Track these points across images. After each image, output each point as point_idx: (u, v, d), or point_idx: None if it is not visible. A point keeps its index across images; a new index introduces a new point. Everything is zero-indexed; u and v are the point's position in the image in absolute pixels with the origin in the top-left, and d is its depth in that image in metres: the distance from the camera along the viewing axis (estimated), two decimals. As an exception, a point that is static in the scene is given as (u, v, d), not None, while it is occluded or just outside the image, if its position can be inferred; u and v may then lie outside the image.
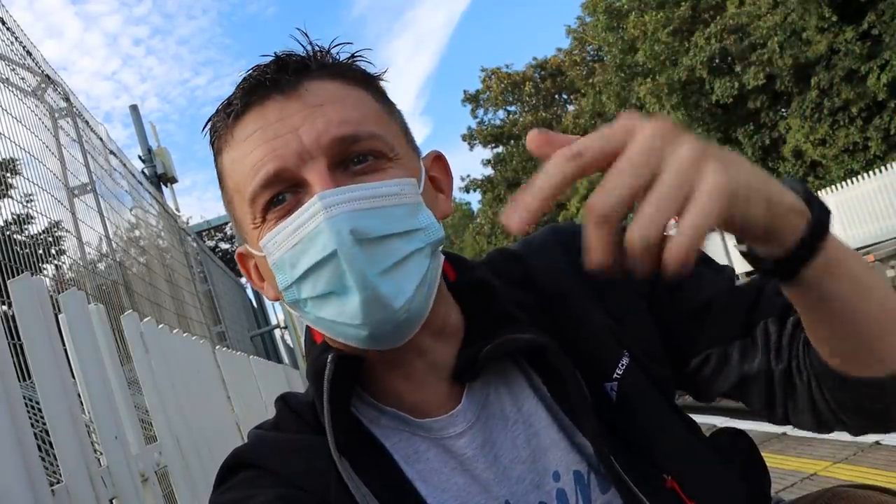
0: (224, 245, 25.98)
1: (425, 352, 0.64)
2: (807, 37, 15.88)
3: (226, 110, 0.63)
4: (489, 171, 31.51)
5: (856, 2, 15.07)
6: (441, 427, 0.65)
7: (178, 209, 8.36)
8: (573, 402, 0.64)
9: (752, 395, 0.67)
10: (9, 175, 2.54)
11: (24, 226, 2.69)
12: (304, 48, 0.63)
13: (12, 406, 1.06)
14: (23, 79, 3.07)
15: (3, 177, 2.51)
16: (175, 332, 2.38)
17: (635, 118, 0.43)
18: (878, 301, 0.54)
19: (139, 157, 8.35)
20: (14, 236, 2.50)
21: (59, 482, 1.19)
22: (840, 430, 0.65)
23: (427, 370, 0.65)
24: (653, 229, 0.40)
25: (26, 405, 1.13)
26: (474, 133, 30.45)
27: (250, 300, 12.59)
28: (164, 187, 8.39)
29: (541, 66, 29.57)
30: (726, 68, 18.07)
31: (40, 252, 2.67)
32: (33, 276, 1.30)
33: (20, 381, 1.14)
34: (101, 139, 4.30)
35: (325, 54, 0.64)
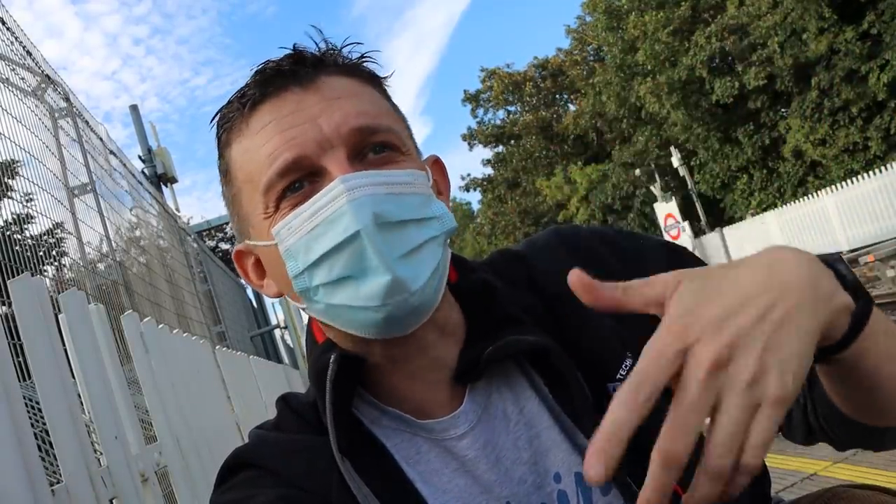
0: (224, 245, 25.97)
1: (428, 348, 0.64)
2: (807, 37, 15.89)
3: (240, 100, 0.62)
4: (489, 171, 31.54)
5: (856, 2, 15.08)
6: (443, 428, 0.65)
7: (178, 209, 8.36)
8: (575, 404, 0.64)
9: None
10: (8, 177, 2.54)
11: (25, 226, 2.69)
12: (318, 45, 0.64)
13: (12, 406, 1.06)
14: (23, 79, 3.07)
15: (3, 178, 2.51)
16: (175, 332, 2.38)
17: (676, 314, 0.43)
18: None
19: (139, 157, 8.36)
20: (14, 236, 2.50)
21: (59, 482, 1.19)
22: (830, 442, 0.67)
23: (429, 369, 0.65)
24: (726, 460, 0.41)
25: (26, 405, 1.13)
26: (474, 133, 30.45)
27: (250, 300, 12.60)
28: (164, 187, 8.39)
29: (541, 65, 29.58)
30: (726, 68, 18.08)
31: (41, 252, 2.67)
32: (33, 276, 1.30)
33: (20, 381, 1.14)
34: (101, 139, 4.30)
35: (337, 52, 0.65)
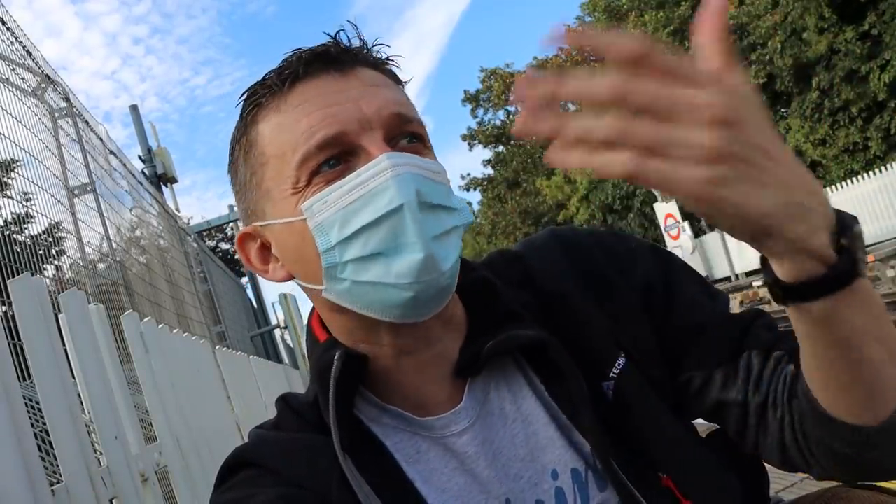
0: (224, 245, 25.99)
1: (433, 341, 0.65)
2: (807, 37, 15.89)
3: (278, 77, 0.63)
4: (489, 171, 31.54)
5: (856, 2, 15.07)
6: (443, 425, 0.65)
7: (178, 209, 8.36)
8: (573, 400, 0.64)
9: (726, 421, 0.68)
10: (8, 176, 2.54)
11: (24, 226, 2.69)
12: (349, 39, 0.65)
13: (12, 406, 1.06)
14: (23, 79, 3.07)
15: (2, 177, 2.51)
16: (175, 332, 2.38)
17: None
18: (886, 350, 0.52)
19: (139, 157, 8.36)
20: (14, 236, 2.50)
21: (58, 482, 1.19)
22: (803, 470, 0.65)
23: (433, 362, 0.65)
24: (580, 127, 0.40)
25: (26, 405, 1.13)
26: (474, 133, 30.46)
27: (250, 300, 12.59)
28: (164, 187, 8.39)
29: (541, 65, 29.60)
30: (726, 68, 18.05)
31: (40, 252, 2.67)
32: (33, 276, 1.30)
33: (20, 381, 1.13)
34: (100, 139, 4.30)
35: (369, 49, 0.66)
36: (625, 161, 0.39)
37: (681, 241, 18.58)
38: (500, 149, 30.96)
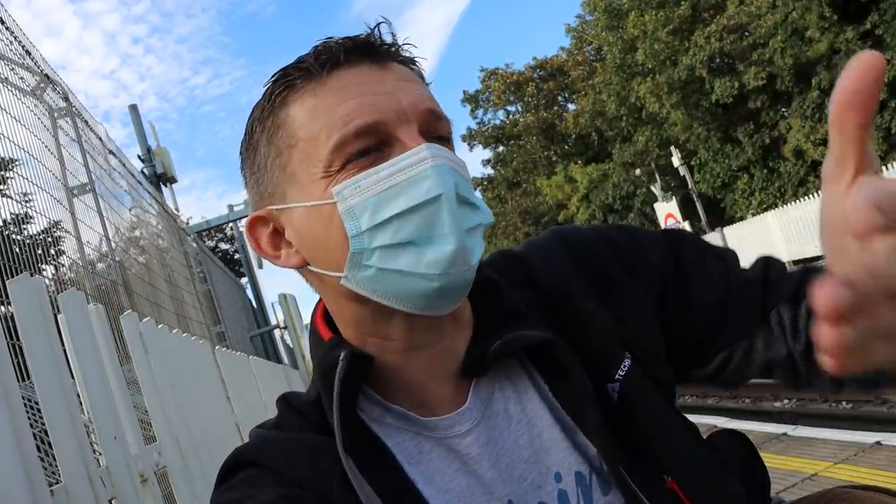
0: (224, 245, 25.97)
1: (444, 337, 0.65)
2: (808, 36, 15.89)
3: (317, 60, 0.62)
4: (489, 171, 31.55)
5: (857, 1, 15.08)
6: (447, 425, 0.64)
7: (177, 209, 8.36)
8: (578, 401, 0.64)
9: (777, 375, 0.69)
10: (8, 175, 2.53)
11: (23, 226, 2.69)
12: (381, 35, 0.65)
13: (11, 406, 1.06)
14: (22, 78, 3.07)
15: (2, 175, 2.51)
16: (174, 332, 2.38)
17: None
18: None
19: (138, 156, 8.36)
20: (13, 236, 2.50)
21: (58, 482, 1.19)
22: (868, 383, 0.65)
23: (441, 360, 0.65)
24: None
25: (25, 405, 1.13)
26: (474, 133, 30.46)
27: (250, 300, 12.60)
28: (163, 187, 8.39)
29: (540, 65, 29.58)
30: (726, 68, 18.08)
31: (39, 252, 2.67)
32: (32, 276, 1.29)
33: (19, 382, 1.13)
34: (100, 139, 4.29)
35: (399, 46, 0.66)
36: None
37: (681, 241, 18.56)
38: (500, 149, 30.97)
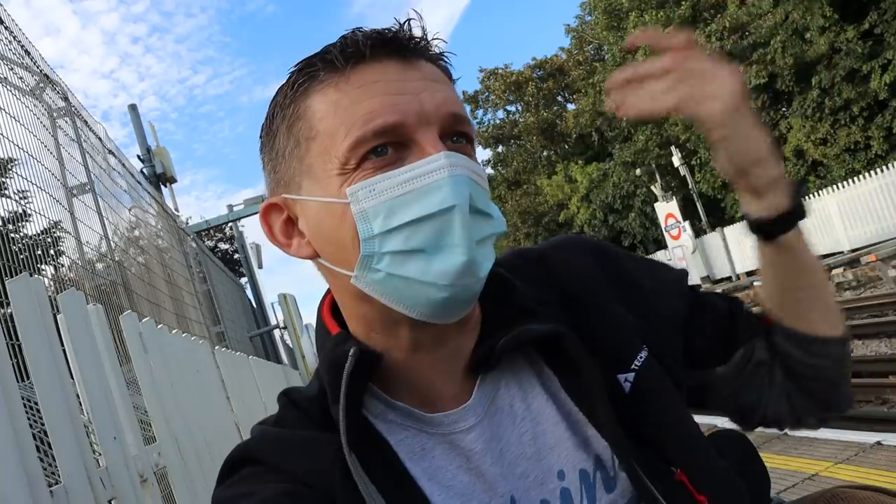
0: (223, 245, 25.95)
1: (450, 338, 0.65)
2: (808, 36, 15.88)
3: (343, 53, 0.61)
4: (489, 171, 31.54)
5: (857, 1, 15.06)
6: (452, 421, 0.64)
7: (176, 209, 8.35)
8: (590, 393, 0.64)
9: (753, 385, 0.77)
10: (5, 175, 2.53)
11: (21, 224, 2.68)
12: (411, 29, 0.64)
13: (11, 407, 1.05)
14: (21, 78, 3.06)
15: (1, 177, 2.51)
16: (174, 332, 2.38)
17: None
18: (825, 281, 0.77)
19: (138, 156, 8.35)
20: (12, 236, 2.50)
21: (57, 483, 1.19)
22: (805, 413, 0.78)
23: (446, 359, 0.65)
24: (642, 71, 0.67)
25: (25, 406, 1.12)
26: (474, 133, 30.43)
27: (250, 300, 12.59)
28: (163, 187, 8.38)
29: (540, 65, 29.58)
30: (726, 68, 18.03)
31: (39, 252, 2.67)
32: (32, 276, 1.29)
33: (19, 382, 1.13)
34: (99, 138, 4.29)
35: (428, 42, 0.65)
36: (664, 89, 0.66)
37: (681, 241, 18.58)
38: (500, 149, 30.98)
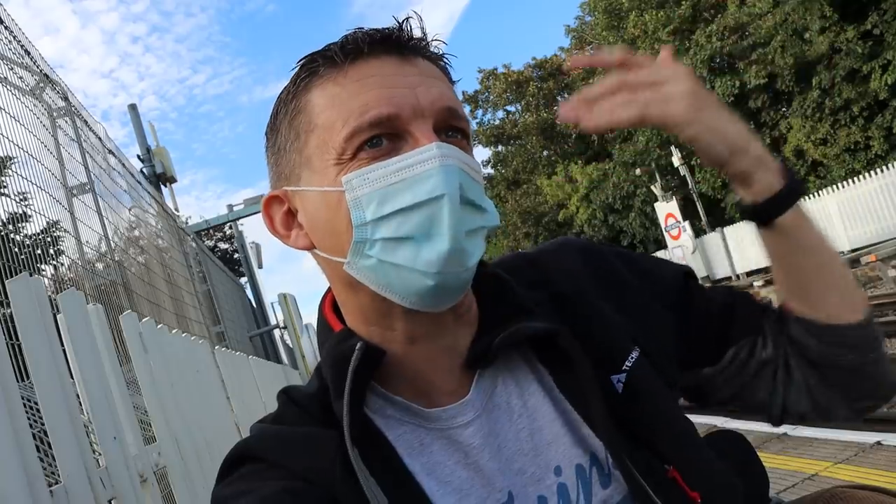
0: (223, 245, 25.93)
1: (445, 331, 0.66)
2: (808, 36, 15.88)
3: (342, 49, 0.63)
4: (489, 171, 31.54)
5: (857, 1, 15.07)
6: (450, 416, 0.65)
7: (176, 209, 8.35)
8: (582, 391, 0.65)
9: (761, 384, 0.75)
10: (7, 175, 2.53)
11: (21, 224, 2.68)
12: (411, 29, 0.66)
13: (11, 407, 1.05)
14: (21, 78, 3.06)
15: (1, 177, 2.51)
16: (174, 332, 2.38)
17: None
18: (838, 255, 0.72)
19: (138, 156, 8.34)
20: (12, 236, 2.50)
21: (57, 483, 1.19)
22: (833, 408, 0.74)
23: (443, 353, 0.66)
24: (593, 92, 0.66)
25: (25, 406, 1.12)
26: (474, 133, 30.38)
27: (250, 300, 12.59)
28: (163, 187, 8.38)
29: (539, 65, 29.58)
30: (727, 67, 18.07)
31: (39, 252, 2.67)
32: (31, 276, 1.29)
33: (18, 382, 1.13)
34: (99, 138, 4.29)
35: (428, 42, 0.67)
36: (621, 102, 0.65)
37: (681, 241, 18.58)
38: (500, 149, 30.97)
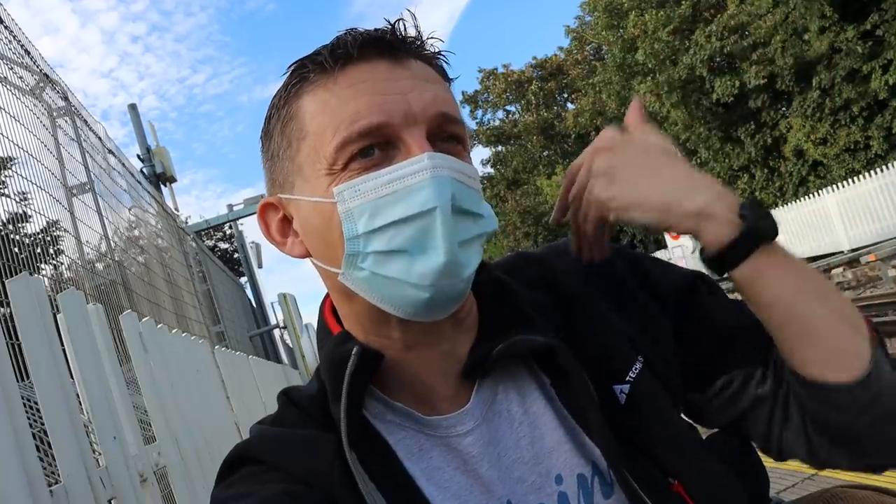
0: (223, 244, 25.90)
1: (443, 339, 0.65)
2: (808, 36, 15.86)
3: (331, 55, 0.62)
4: (489, 171, 31.51)
5: (857, 1, 15.05)
6: (450, 425, 0.65)
7: (176, 208, 8.35)
8: (580, 404, 0.64)
9: (757, 419, 0.70)
10: (7, 174, 2.53)
11: (21, 224, 2.68)
12: (405, 29, 0.64)
13: (11, 406, 1.05)
14: (21, 77, 3.06)
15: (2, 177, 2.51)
16: (174, 332, 2.38)
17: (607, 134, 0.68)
18: (829, 307, 0.61)
19: (138, 156, 8.34)
20: (12, 236, 2.50)
21: (57, 483, 1.19)
22: (833, 462, 0.67)
23: (441, 359, 0.65)
24: (557, 216, 0.73)
25: (25, 405, 1.12)
26: (474, 133, 30.42)
27: (250, 300, 12.58)
28: (163, 187, 8.37)
29: (540, 65, 29.55)
30: (727, 67, 18.06)
31: (38, 252, 2.67)
32: (31, 275, 1.29)
33: (18, 382, 1.13)
34: (99, 138, 4.29)
35: (423, 42, 0.65)
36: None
37: (681, 241, 18.56)
38: (500, 148, 30.94)
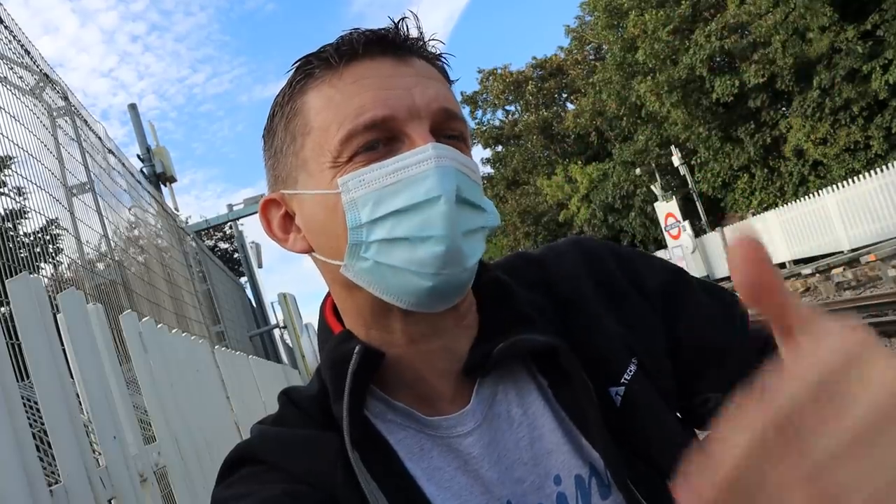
0: (223, 244, 25.93)
1: (444, 334, 0.65)
2: (808, 36, 15.88)
3: (337, 51, 0.63)
4: (489, 171, 31.54)
5: (858, 1, 15.07)
6: (450, 426, 0.65)
7: (176, 208, 8.35)
8: (581, 406, 0.64)
9: None
10: (7, 174, 2.53)
11: (20, 222, 2.68)
12: (408, 29, 0.65)
13: (10, 406, 1.05)
14: (21, 77, 3.06)
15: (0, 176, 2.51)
16: (174, 331, 2.37)
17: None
18: None
19: (138, 156, 8.34)
20: (11, 235, 2.49)
21: (57, 483, 1.18)
22: None
23: (442, 355, 0.65)
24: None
25: (24, 405, 1.12)
26: (474, 133, 30.46)
27: (249, 300, 12.59)
28: (163, 187, 8.38)
29: (540, 65, 29.58)
30: (727, 67, 18.08)
31: (38, 251, 2.66)
32: (31, 275, 1.29)
33: (18, 382, 1.13)
34: (99, 138, 4.29)
35: (425, 42, 0.66)
36: None
37: (681, 241, 18.59)
38: (500, 148, 30.99)
